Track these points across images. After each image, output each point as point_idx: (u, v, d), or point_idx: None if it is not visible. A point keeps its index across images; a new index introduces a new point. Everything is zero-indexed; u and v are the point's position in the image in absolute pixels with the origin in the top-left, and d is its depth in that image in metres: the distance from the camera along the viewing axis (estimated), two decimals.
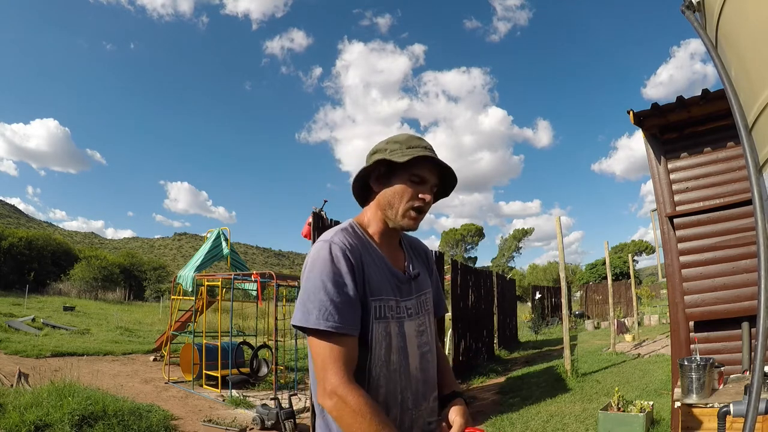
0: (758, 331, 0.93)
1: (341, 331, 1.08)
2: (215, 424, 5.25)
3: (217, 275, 8.67)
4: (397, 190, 1.23)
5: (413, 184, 1.22)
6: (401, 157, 1.19)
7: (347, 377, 1.07)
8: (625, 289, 20.08)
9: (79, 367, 7.21)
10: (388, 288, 1.21)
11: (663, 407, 4.86)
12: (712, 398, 2.67)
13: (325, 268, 1.11)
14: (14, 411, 4.37)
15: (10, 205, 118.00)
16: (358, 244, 1.19)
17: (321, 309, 1.08)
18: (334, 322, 1.08)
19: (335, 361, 1.07)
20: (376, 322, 1.16)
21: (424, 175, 1.23)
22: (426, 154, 1.20)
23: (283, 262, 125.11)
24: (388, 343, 1.18)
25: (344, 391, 1.04)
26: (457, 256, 51.91)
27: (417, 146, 1.23)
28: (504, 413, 5.44)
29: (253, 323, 11.63)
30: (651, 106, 3.72)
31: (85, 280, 33.17)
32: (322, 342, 1.08)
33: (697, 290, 3.51)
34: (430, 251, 1.49)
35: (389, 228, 1.27)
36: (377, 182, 1.27)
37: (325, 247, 1.14)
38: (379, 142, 1.29)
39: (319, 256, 1.13)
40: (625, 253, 41.24)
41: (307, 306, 1.10)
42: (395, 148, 1.23)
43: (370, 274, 1.18)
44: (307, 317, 1.09)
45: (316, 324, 1.07)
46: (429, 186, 1.24)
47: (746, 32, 1.06)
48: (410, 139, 1.25)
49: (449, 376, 1.39)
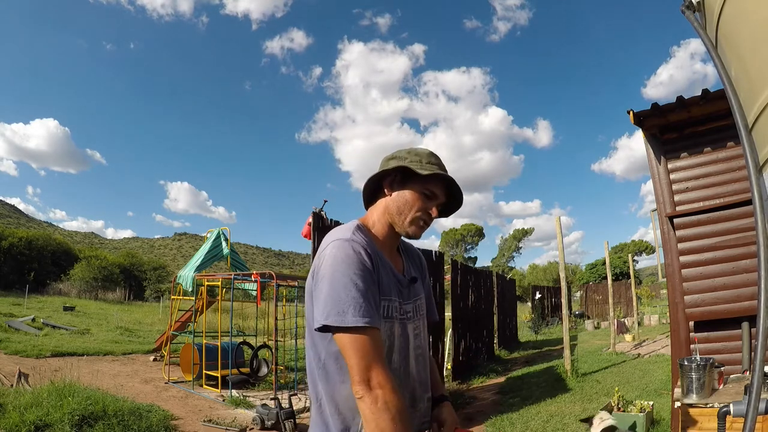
0: (758, 331, 0.93)
1: (375, 325, 1.11)
2: (215, 424, 5.25)
3: (217, 275, 8.67)
4: (408, 199, 1.27)
5: (425, 197, 1.28)
6: (422, 170, 1.24)
7: (390, 373, 1.10)
8: (625, 289, 20.08)
9: (79, 367, 7.21)
10: (392, 289, 1.24)
11: (663, 407, 4.86)
12: (712, 398, 2.67)
13: (352, 265, 1.12)
14: (14, 411, 4.37)
15: (10, 205, 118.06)
16: (371, 243, 1.23)
17: (356, 306, 1.09)
18: (370, 317, 1.10)
19: (378, 356, 1.09)
20: (383, 321, 1.19)
21: (436, 192, 1.29)
22: (445, 174, 1.26)
23: (283, 262, 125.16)
24: (391, 343, 1.21)
25: (390, 387, 1.07)
26: (457, 256, 51.90)
27: (436, 164, 1.28)
28: (504, 413, 5.44)
29: (253, 323, 11.64)
30: (651, 106, 3.72)
31: (85, 280, 33.18)
32: (360, 337, 1.09)
33: (697, 290, 3.51)
34: (424, 258, 1.53)
35: (393, 232, 1.30)
36: (391, 187, 1.30)
37: (346, 245, 1.16)
38: (400, 150, 1.32)
39: (342, 254, 1.14)
40: (625, 253, 41.25)
41: (340, 305, 1.09)
42: (415, 160, 1.27)
43: (381, 273, 1.21)
44: (342, 317, 1.09)
45: (354, 322, 1.08)
46: (438, 202, 1.30)
47: (746, 32, 1.06)
48: (430, 156, 1.30)
49: (438, 380, 1.45)
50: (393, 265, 1.29)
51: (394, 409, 1.04)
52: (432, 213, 1.29)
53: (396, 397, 1.06)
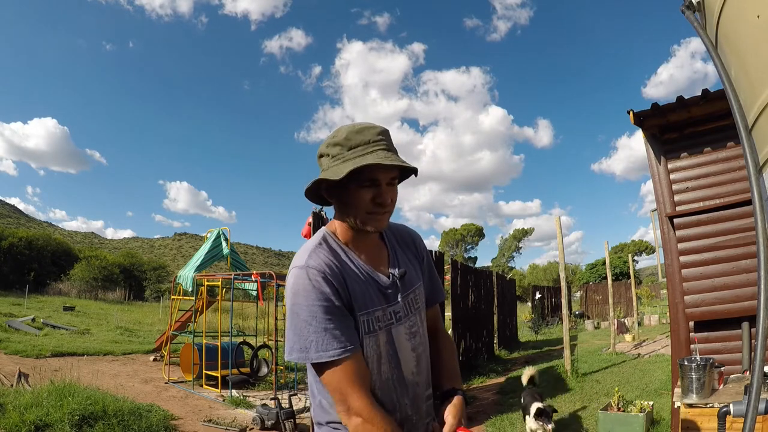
0: (758, 331, 0.94)
1: (343, 354, 1.06)
2: (215, 424, 5.25)
3: (217, 275, 8.68)
4: (350, 200, 1.12)
5: (366, 189, 1.10)
6: (338, 171, 1.07)
7: (370, 398, 1.07)
8: (625, 289, 20.07)
9: (79, 367, 7.22)
10: (373, 298, 1.16)
11: (663, 407, 4.86)
12: (712, 398, 2.67)
13: (309, 296, 1.06)
14: (14, 411, 4.37)
15: (10, 205, 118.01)
16: (334, 260, 1.12)
17: (318, 341, 1.05)
18: (333, 349, 1.05)
19: (352, 384, 1.05)
20: (366, 336, 1.14)
21: (375, 177, 1.09)
22: (364, 164, 1.05)
23: (283, 262, 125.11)
24: (378, 355, 1.16)
25: (370, 415, 1.04)
26: (457, 256, 51.93)
27: (359, 144, 1.08)
28: (504, 413, 5.44)
29: (253, 323, 11.63)
30: (651, 106, 3.72)
31: (85, 280, 33.21)
32: (330, 370, 1.06)
33: (697, 290, 3.51)
34: (419, 237, 1.38)
35: (359, 231, 1.17)
36: (328, 193, 1.17)
37: (302, 274, 1.08)
38: (322, 143, 1.16)
39: (299, 285, 1.08)
40: (625, 253, 41.26)
41: (302, 341, 1.06)
42: (336, 153, 1.10)
43: (353, 288, 1.13)
44: (306, 354, 1.06)
45: (318, 358, 1.05)
46: (384, 184, 1.11)
47: (746, 32, 1.06)
48: (350, 137, 1.09)
49: (453, 369, 1.33)
50: (373, 266, 1.20)
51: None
52: (383, 200, 1.11)
53: (373, 426, 1.03)
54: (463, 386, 1.31)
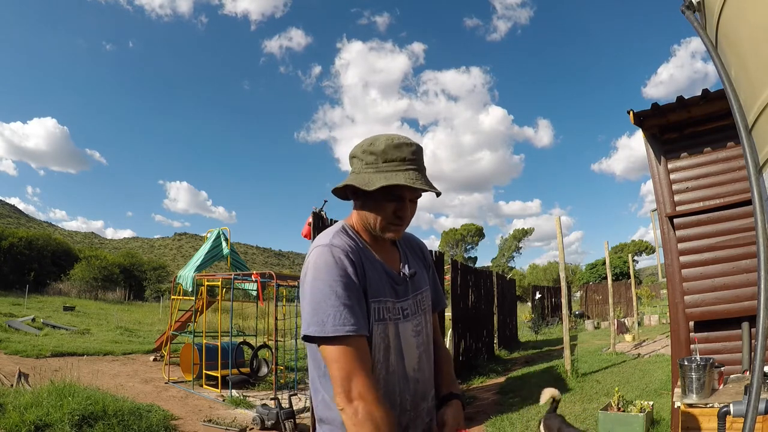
0: (758, 331, 0.94)
1: (359, 332, 1.07)
2: (215, 424, 5.25)
3: (217, 275, 8.68)
4: (373, 207, 1.18)
5: (390, 202, 1.17)
6: (369, 181, 1.13)
7: (373, 383, 1.06)
8: (625, 289, 20.08)
9: (79, 367, 7.22)
10: (385, 289, 1.19)
11: (663, 407, 4.86)
12: (712, 398, 2.67)
13: (331, 272, 1.09)
14: (14, 411, 4.37)
15: (10, 205, 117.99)
16: (354, 246, 1.18)
17: (336, 315, 1.06)
18: (351, 325, 1.06)
19: (360, 365, 1.05)
20: (375, 324, 1.15)
21: (401, 194, 1.16)
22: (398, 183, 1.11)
23: (283, 262, 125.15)
24: (387, 345, 1.17)
25: (372, 398, 1.03)
26: (457, 256, 51.93)
27: (395, 159, 1.13)
28: (504, 413, 5.44)
29: (253, 323, 11.64)
30: (651, 106, 3.72)
31: (85, 280, 33.20)
32: (342, 347, 1.05)
33: (697, 290, 3.51)
34: (426, 247, 1.46)
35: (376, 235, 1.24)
36: (354, 196, 1.23)
37: (326, 251, 1.12)
38: (357, 146, 1.21)
39: (321, 261, 1.11)
40: (625, 253, 41.26)
41: (320, 315, 1.07)
42: (371, 161, 1.15)
43: (370, 275, 1.16)
44: (322, 327, 1.06)
45: (334, 331, 1.05)
46: (407, 201, 1.18)
47: (746, 32, 1.06)
48: (387, 150, 1.14)
49: (449, 375, 1.37)
50: (386, 263, 1.24)
51: (375, 421, 1.00)
52: (404, 215, 1.18)
53: (377, 409, 1.01)
54: (460, 390, 1.33)
